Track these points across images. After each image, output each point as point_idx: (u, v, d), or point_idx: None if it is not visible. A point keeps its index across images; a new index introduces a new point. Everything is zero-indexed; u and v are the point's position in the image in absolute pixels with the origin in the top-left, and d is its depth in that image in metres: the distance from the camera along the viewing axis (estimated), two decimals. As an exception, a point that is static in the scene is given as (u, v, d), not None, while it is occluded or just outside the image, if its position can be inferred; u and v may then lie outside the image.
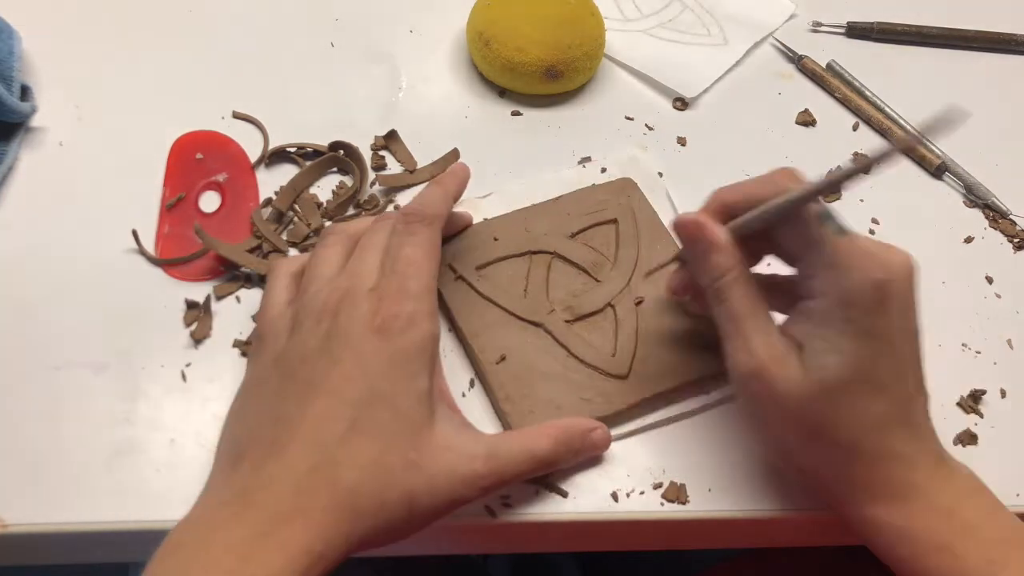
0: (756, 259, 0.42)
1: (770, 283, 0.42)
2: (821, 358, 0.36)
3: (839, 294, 0.36)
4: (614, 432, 0.43)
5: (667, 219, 0.50)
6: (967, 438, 0.46)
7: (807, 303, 0.38)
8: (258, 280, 0.48)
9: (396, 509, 0.36)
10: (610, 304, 0.46)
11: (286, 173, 0.52)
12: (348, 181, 0.53)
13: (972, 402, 0.47)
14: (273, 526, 0.34)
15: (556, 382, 0.44)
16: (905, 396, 0.37)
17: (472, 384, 0.45)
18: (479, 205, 0.51)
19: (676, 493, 0.42)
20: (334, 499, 0.35)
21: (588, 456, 0.42)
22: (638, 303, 0.47)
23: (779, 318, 0.40)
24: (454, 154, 0.53)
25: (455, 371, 0.45)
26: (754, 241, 0.40)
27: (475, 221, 0.49)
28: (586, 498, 0.42)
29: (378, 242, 0.41)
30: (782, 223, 0.39)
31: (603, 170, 0.54)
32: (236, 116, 0.55)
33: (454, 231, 0.48)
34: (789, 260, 0.41)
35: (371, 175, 0.53)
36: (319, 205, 0.51)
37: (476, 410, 0.44)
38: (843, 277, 0.36)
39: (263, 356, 0.40)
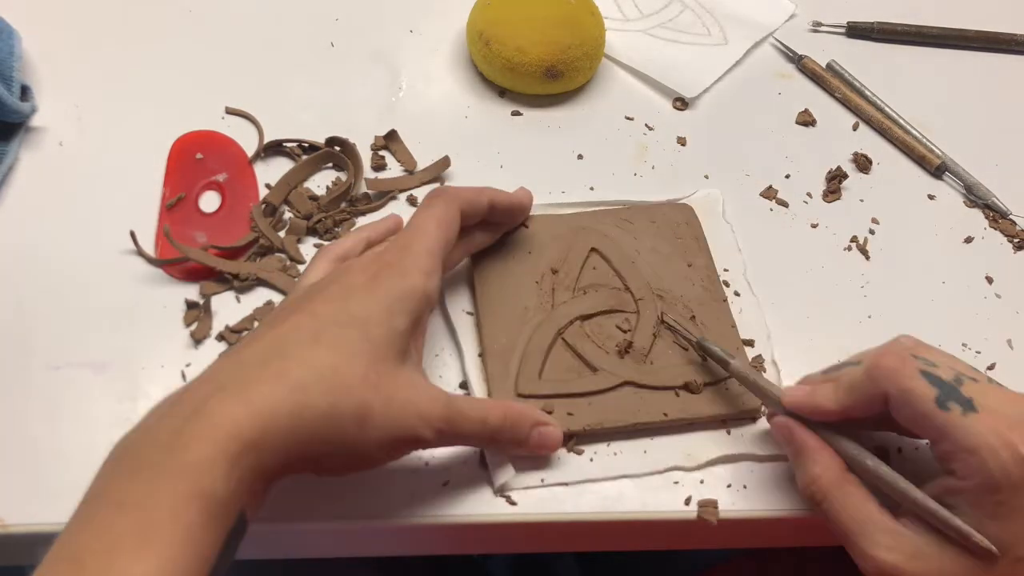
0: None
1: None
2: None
3: (985, 479, 0.35)
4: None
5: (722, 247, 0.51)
6: None
7: (949, 480, 0.36)
8: (254, 280, 0.47)
9: (348, 420, 0.35)
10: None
11: (283, 170, 0.52)
12: (344, 177, 0.52)
13: None
14: (203, 403, 0.32)
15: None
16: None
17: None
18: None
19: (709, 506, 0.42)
20: (279, 388, 0.33)
21: (533, 449, 0.41)
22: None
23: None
24: (444, 162, 0.53)
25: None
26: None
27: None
28: (586, 498, 0.42)
29: None
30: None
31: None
32: (229, 111, 0.55)
33: (516, 220, 0.49)
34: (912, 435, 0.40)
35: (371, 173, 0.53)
36: (313, 199, 0.51)
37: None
38: (988, 460, 0.35)
39: None
